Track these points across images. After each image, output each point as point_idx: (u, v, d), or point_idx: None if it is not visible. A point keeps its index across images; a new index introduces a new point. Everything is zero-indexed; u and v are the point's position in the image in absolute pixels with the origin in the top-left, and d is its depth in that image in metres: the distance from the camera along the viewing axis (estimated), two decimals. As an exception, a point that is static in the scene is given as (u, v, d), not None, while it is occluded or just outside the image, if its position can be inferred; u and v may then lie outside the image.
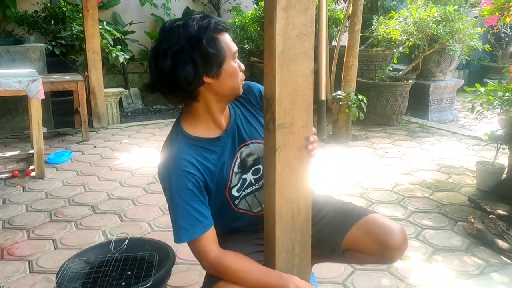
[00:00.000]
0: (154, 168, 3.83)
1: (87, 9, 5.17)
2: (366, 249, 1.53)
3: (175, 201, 1.38)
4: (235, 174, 1.53)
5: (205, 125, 1.47)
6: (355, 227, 1.55)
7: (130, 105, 6.78)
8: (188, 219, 1.37)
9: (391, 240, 1.50)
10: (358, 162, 4.05)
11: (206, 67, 1.35)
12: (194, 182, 1.39)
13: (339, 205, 1.71)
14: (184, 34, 1.34)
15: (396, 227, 1.53)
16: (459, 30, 4.94)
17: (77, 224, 2.85)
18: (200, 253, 1.41)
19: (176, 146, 1.43)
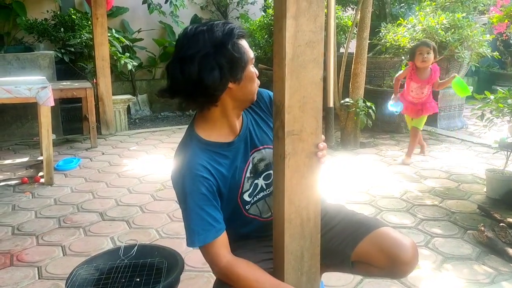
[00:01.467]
0: (162, 175, 3.87)
1: (96, 17, 5.22)
2: (376, 263, 1.51)
3: (188, 205, 1.38)
4: (247, 179, 1.53)
5: (219, 130, 1.47)
6: (365, 240, 1.53)
7: (138, 112, 6.81)
8: (201, 224, 1.37)
9: (402, 255, 1.47)
10: (367, 169, 4.04)
11: (231, 72, 1.37)
12: (207, 187, 1.39)
13: (350, 215, 1.68)
14: (210, 39, 1.35)
15: (407, 242, 1.51)
16: (468, 37, 4.93)
17: (85, 230, 2.86)
18: (212, 258, 1.41)
19: (190, 150, 1.43)
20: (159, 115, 6.91)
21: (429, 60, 3.81)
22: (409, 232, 2.76)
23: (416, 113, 4.04)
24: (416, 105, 4.00)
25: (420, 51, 3.82)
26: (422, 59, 3.80)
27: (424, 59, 3.80)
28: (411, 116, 4.11)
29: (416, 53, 3.85)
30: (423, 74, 3.92)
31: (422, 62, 3.81)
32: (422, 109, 3.99)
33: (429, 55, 3.79)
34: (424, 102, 3.98)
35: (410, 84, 3.99)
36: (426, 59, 3.80)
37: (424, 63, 3.82)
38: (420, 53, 3.82)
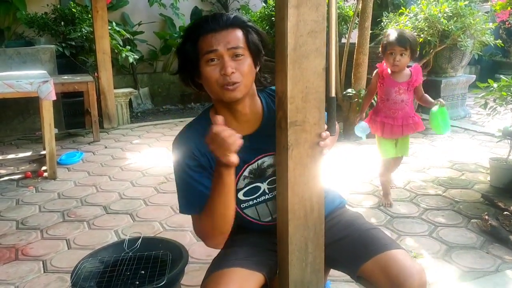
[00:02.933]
0: (165, 168, 3.88)
1: (97, 10, 5.20)
2: (378, 286, 1.42)
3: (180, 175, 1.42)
4: (243, 178, 1.50)
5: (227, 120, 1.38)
6: (372, 261, 1.43)
7: (140, 106, 6.80)
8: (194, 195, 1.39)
9: (407, 284, 1.34)
10: (369, 159, 4.03)
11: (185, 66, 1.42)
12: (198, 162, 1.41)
13: (363, 229, 1.57)
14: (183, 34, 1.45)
15: (415, 270, 1.37)
16: (471, 26, 4.88)
17: (89, 224, 2.87)
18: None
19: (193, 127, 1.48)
20: (161, 108, 6.91)
21: (402, 64, 2.78)
22: (413, 222, 2.76)
23: (398, 132, 2.88)
24: (396, 120, 2.87)
25: (391, 51, 2.78)
26: (393, 62, 2.77)
27: (396, 63, 2.76)
28: (390, 136, 2.91)
29: (386, 52, 2.82)
30: (399, 75, 2.87)
31: (393, 66, 2.80)
32: (407, 124, 2.87)
33: (402, 57, 2.76)
34: (407, 114, 2.88)
35: (384, 91, 2.89)
36: (397, 63, 2.77)
37: (395, 67, 2.80)
38: (391, 53, 2.78)
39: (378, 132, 2.94)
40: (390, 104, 2.87)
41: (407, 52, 2.76)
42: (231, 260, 1.41)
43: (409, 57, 2.80)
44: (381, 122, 2.91)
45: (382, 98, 2.92)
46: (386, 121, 2.89)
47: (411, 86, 2.86)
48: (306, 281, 1.50)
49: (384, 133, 2.90)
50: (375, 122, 2.93)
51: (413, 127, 2.89)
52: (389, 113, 2.88)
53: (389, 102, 2.87)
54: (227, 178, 1.28)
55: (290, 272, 1.46)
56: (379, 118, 2.91)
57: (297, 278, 1.48)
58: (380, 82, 2.92)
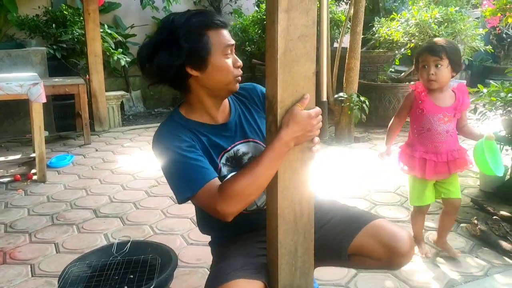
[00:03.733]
0: (156, 171, 3.85)
1: (88, 13, 5.18)
2: (373, 255, 1.53)
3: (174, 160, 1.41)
4: (224, 165, 1.54)
5: (201, 115, 1.52)
6: (362, 232, 1.55)
7: (131, 108, 6.78)
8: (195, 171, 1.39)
9: (399, 246, 1.50)
10: (361, 163, 4.04)
11: (182, 59, 1.40)
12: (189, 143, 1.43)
13: (344, 209, 1.70)
14: (169, 26, 1.42)
15: (404, 234, 1.54)
16: (461, 31, 4.92)
17: (79, 227, 2.85)
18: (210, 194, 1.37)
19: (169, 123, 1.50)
20: (153, 111, 6.88)
21: (440, 78, 2.15)
22: (403, 226, 2.76)
23: (444, 170, 2.26)
24: (440, 155, 2.24)
25: (423, 63, 2.18)
26: (427, 77, 2.16)
27: (431, 77, 2.15)
28: (434, 176, 2.27)
29: (419, 64, 2.22)
30: (442, 98, 2.24)
31: (428, 82, 2.17)
32: (453, 160, 2.25)
33: (438, 69, 2.14)
34: (451, 146, 2.27)
35: (424, 119, 2.24)
36: (433, 78, 2.15)
37: (431, 83, 2.17)
38: (424, 66, 2.18)
39: (416, 172, 2.27)
40: (432, 136, 2.23)
41: (443, 62, 2.13)
42: (229, 273, 1.40)
43: (450, 69, 2.17)
44: (421, 159, 2.25)
45: (421, 128, 2.26)
46: (428, 157, 2.23)
47: (458, 112, 2.24)
48: (295, 285, 1.50)
49: (426, 172, 2.24)
50: (412, 159, 2.27)
51: (461, 163, 2.27)
52: (430, 147, 2.24)
53: (431, 133, 2.22)
54: (286, 153, 1.34)
55: (279, 276, 1.46)
56: (417, 153, 2.25)
57: (287, 282, 1.48)
58: (417, 108, 2.25)
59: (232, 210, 1.37)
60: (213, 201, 1.36)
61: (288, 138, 1.32)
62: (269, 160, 1.33)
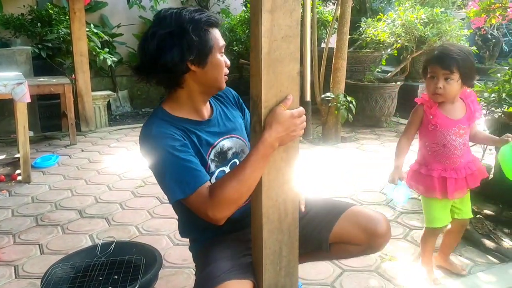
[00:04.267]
0: (143, 171, 3.84)
1: (74, 12, 5.14)
2: (353, 240, 1.60)
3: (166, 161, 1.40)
4: (212, 161, 1.55)
5: (187, 111, 1.53)
6: (341, 220, 1.62)
7: (118, 108, 6.73)
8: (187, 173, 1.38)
9: (377, 228, 1.58)
10: (347, 163, 4.06)
11: (191, 54, 1.41)
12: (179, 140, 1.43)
13: (320, 201, 1.76)
14: (175, 20, 1.42)
15: (380, 216, 1.63)
16: (446, 32, 4.98)
17: (63, 228, 2.82)
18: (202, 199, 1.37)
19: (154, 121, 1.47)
20: (140, 111, 6.85)
21: (447, 93, 1.95)
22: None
23: (464, 187, 2.07)
24: (459, 171, 2.04)
25: (432, 72, 1.97)
26: (433, 90, 1.96)
27: (438, 91, 1.95)
28: (456, 195, 2.06)
29: (427, 73, 2.01)
30: (453, 109, 2.03)
31: (433, 95, 1.98)
32: (471, 173, 2.07)
33: (447, 83, 1.94)
34: (468, 158, 2.08)
35: (439, 135, 2.02)
36: (440, 92, 1.94)
37: (436, 96, 1.97)
38: (433, 77, 1.97)
39: (435, 193, 2.04)
40: (449, 152, 2.02)
41: (454, 76, 1.92)
42: (218, 276, 1.40)
43: (460, 83, 1.96)
44: (440, 178, 2.03)
45: (435, 144, 2.04)
46: (447, 175, 2.02)
47: (472, 122, 2.06)
48: (280, 284, 1.50)
49: (448, 192, 2.02)
50: (430, 179, 2.04)
51: (478, 176, 2.09)
52: (448, 164, 2.03)
53: (448, 149, 2.01)
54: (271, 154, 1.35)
55: (264, 276, 1.47)
56: (435, 172, 2.03)
57: (271, 281, 1.48)
58: (429, 124, 2.03)
59: (224, 215, 1.38)
60: (204, 206, 1.36)
61: (271, 139, 1.32)
62: (255, 162, 1.34)
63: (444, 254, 2.28)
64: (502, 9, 3.41)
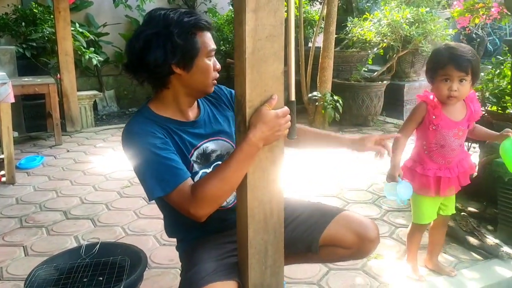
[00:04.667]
0: (129, 171, 3.80)
1: (59, 11, 5.08)
2: (344, 243, 1.61)
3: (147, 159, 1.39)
4: (195, 163, 1.55)
5: (172, 112, 1.52)
6: (332, 223, 1.63)
7: (105, 108, 6.68)
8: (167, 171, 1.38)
9: (368, 232, 1.61)
10: (334, 162, 4.08)
11: (175, 57, 1.41)
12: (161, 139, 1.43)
13: (312, 205, 1.78)
14: (163, 22, 1.42)
15: (370, 222, 1.68)
16: (431, 31, 5.03)
17: (48, 230, 2.79)
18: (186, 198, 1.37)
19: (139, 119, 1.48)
20: (127, 111, 6.80)
21: (462, 95, 1.95)
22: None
23: (456, 185, 2.11)
24: (452, 170, 2.06)
25: (445, 75, 1.92)
26: (449, 93, 1.92)
27: (453, 94, 1.91)
28: (448, 193, 2.10)
29: (437, 75, 1.94)
30: (454, 110, 2.02)
31: (449, 98, 1.94)
32: (464, 172, 2.09)
33: (462, 85, 1.91)
34: (461, 155, 2.09)
35: (439, 135, 2.01)
36: (455, 94, 1.92)
37: (452, 99, 1.94)
38: (446, 79, 1.92)
39: (430, 191, 2.06)
40: (445, 152, 2.02)
41: (468, 77, 1.90)
42: (203, 278, 1.40)
43: (471, 84, 1.95)
44: (435, 177, 2.05)
45: (433, 144, 2.03)
46: (442, 174, 2.04)
47: (471, 123, 2.07)
48: (266, 284, 1.50)
49: (441, 190, 2.05)
50: (426, 178, 2.06)
51: (469, 173, 2.12)
52: (443, 163, 2.05)
53: (445, 150, 2.02)
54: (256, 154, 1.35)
55: (250, 275, 1.47)
56: (431, 172, 2.04)
57: (257, 281, 1.48)
58: (430, 123, 2.00)
59: (205, 212, 1.38)
60: (186, 203, 1.37)
61: (256, 139, 1.32)
62: (239, 162, 1.34)
63: (432, 255, 2.28)
64: (485, 9, 3.46)
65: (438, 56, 1.95)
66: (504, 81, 3.17)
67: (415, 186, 2.06)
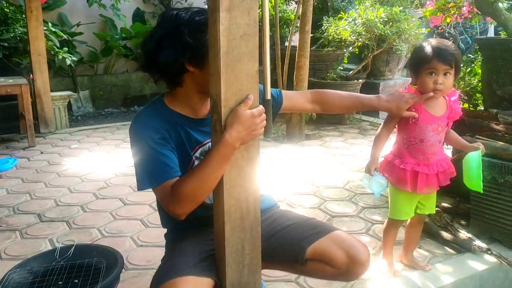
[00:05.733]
0: (105, 172, 3.77)
1: (31, 10, 4.98)
2: (333, 261, 1.55)
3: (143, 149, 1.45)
4: (196, 159, 1.57)
5: (184, 107, 1.56)
6: (325, 238, 1.58)
7: (80, 109, 6.59)
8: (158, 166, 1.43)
9: (359, 255, 1.54)
10: (312, 160, 4.11)
11: (187, 56, 1.44)
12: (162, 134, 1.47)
13: (308, 219, 1.74)
14: (174, 22, 1.46)
15: (363, 245, 1.60)
16: (405, 31, 5.10)
17: (22, 233, 2.74)
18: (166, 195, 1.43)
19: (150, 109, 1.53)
20: (103, 111, 6.72)
21: (447, 88, 1.98)
22: (350, 220, 2.84)
23: (434, 183, 2.09)
24: (430, 167, 2.06)
25: (430, 69, 1.95)
26: (434, 86, 1.95)
27: (438, 87, 1.94)
28: (425, 190, 2.09)
29: (422, 69, 1.97)
30: (436, 106, 2.04)
31: (435, 91, 1.96)
32: (443, 171, 2.08)
33: (446, 78, 1.95)
34: (441, 156, 2.10)
35: (418, 129, 2.03)
36: (441, 87, 1.95)
37: (438, 93, 1.97)
38: (431, 73, 1.95)
39: (406, 186, 2.07)
40: (424, 147, 2.04)
41: (452, 70, 1.95)
42: (182, 269, 1.42)
43: (454, 77, 1.99)
44: (412, 171, 2.06)
45: (413, 139, 2.05)
46: (420, 169, 2.05)
47: (450, 121, 2.09)
48: (243, 282, 1.51)
49: (418, 186, 2.05)
50: (403, 172, 2.06)
51: (450, 174, 2.10)
52: (422, 159, 2.05)
53: (424, 144, 2.03)
54: (233, 154, 1.37)
55: (227, 274, 1.47)
56: (408, 166, 2.05)
57: (234, 280, 1.49)
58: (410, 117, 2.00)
59: (183, 211, 1.42)
60: (166, 200, 1.43)
61: (232, 139, 1.33)
62: (215, 162, 1.36)
63: (407, 251, 2.31)
64: (456, 8, 3.53)
65: (423, 51, 1.98)
66: (475, 79, 3.25)
67: (393, 180, 2.09)
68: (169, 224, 1.71)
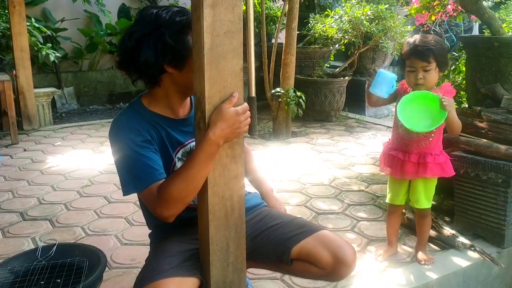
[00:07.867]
0: (89, 170, 3.73)
1: (14, 5, 4.90)
2: (319, 261, 1.53)
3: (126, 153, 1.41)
4: (178, 160, 1.55)
5: (163, 108, 1.53)
6: (311, 238, 1.57)
7: (64, 106, 6.50)
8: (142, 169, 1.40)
9: (345, 256, 1.53)
10: (298, 158, 4.12)
11: (167, 57, 1.41)
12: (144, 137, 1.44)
13: (294, 218, 1.72)
14: (154, 21, 1.42)
15: (350, 246, 1.58)
16: (391, 28, 5.13)
17: (4, 232, 2.70)
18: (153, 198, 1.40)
19: (128, 112, 1.50)
20: (88, 108, 6.65)
21: (428, 82, 2.05)
22: (336, 218, 2.85)
23: (410, 172, 2.15)
24: (409, 155, 2.13)
25: (409, 66, 2.06)
26: (415, 81, 2.05)
27: (419, 82, 2.03)
28: (399, 176, 2.19)
29: (406, 67, 2.10)
30: None
31: (416, 86, 2.06)
32: (424, 163, 2.11)
33: (427, 73, 2.03)
34: (426, 150, 2.13)
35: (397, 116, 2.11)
36: (421, 82, 2.03)
37: (419, 86, 2.05)
38: (411, 71, 2.06)
39: (384, 169, 2.25)
40: (402, 134, 2.14)
41: (431, 66, 2.02)
42: (165, 270, 1.41)
43: (437, 71, 2.06)
44: (388, 155, 2.21)
45: (395, 123, 2.19)
46: (395, 154, 2.16)
47: None
48: (228, 280, 1.50)
49: (393, 171, 2.19)
50: (383, 155, 2.27)
51: (432, 169, 2.11)
52: (400, 145, 2.16)
53: (403, 130, 2.13)
54: (217, 152, 1.36)
55: (211, 272, 1.46)
56: (386, 149, 2.24)
57: (219, 278, 1.48)
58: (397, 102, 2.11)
59: (171, 213, 1.40)
60: (153, 203, 1.40)
61: (216, 137, 1.32)
62: (200, 161, 1.34)
63: (417, 243, 2.40)
64: (441, 6, 3.56)
65: (404, 49, 2.10)
66: (459, 77, 3.28)
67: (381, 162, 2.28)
68: (153, 224, 1.68)
